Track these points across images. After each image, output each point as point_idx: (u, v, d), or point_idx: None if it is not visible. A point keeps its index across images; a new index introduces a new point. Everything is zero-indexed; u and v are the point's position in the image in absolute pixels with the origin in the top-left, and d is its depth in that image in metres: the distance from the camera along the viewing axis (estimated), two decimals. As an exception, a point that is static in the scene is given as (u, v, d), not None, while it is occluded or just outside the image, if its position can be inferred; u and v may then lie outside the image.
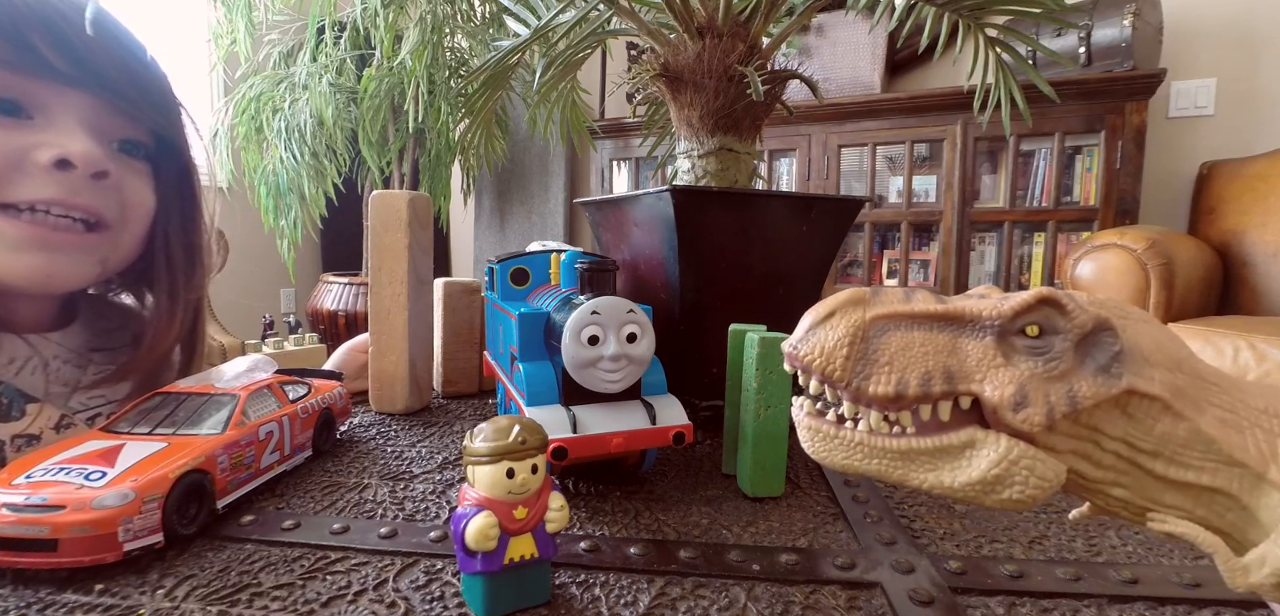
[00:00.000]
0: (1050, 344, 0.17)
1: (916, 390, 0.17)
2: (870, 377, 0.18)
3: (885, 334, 0.18)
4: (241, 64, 2.25)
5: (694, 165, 0.57)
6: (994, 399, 0.17)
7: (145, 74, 0.52)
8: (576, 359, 0.38)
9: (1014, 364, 0.17)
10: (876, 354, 0.18)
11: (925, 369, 0.17)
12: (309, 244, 2.88)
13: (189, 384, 0.44)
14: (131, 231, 0.52)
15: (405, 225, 0.59)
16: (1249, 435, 0.16)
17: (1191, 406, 0.17)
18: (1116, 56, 1.80)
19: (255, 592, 0.31)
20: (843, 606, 0.30)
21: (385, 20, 2.03)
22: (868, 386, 0.18)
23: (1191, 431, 0.17)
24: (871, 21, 1.22)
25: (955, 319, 0.18)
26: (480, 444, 0.29)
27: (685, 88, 0.56)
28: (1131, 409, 0.17)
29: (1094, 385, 0.17)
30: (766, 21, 0.57)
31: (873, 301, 0.18)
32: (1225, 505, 0.17)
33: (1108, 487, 0.18)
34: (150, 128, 0.53)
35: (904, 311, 0.18)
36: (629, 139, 2.51)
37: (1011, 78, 0.61)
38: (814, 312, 0.19)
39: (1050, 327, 0.17)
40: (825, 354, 0.18)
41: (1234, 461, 0.16)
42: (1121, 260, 1.53)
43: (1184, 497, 0.17)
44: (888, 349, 0.18)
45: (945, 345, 0.18)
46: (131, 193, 0.51)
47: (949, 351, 0.18)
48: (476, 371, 0.70)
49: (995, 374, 0.17)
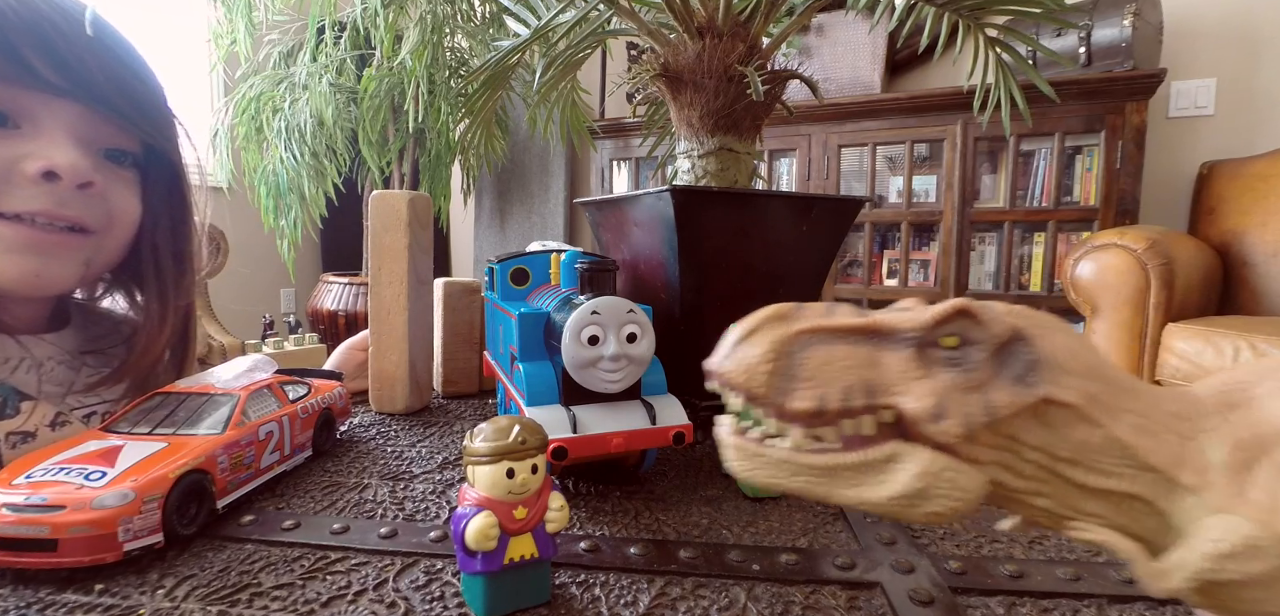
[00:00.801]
0: (968, 355, 0.17)
1: (837, 404, 0.17)
2: (792, 393, 0.17)
3: (807, 349, 0.18)
4: (241, 64, 2.25)
5: (694, 165, 0.57)
6: (913, 411, 0.17)
7: (137, 83, 0.52)
8: (576, 359, 0.38)
9: (933, 376, 0.17)
10: (798, 369, 0.18)
11: (846, 383, 0.17)
12: (309, 244, 2.88)
13: (189, 384, 0.44)
14: (116, 237, 0.52)
15: (405, 225, 0.59)
16: (1162, 440, 0.17)
17: (1106, 413, 0.17)
18: (1116, 56, 1.80)
19: (255, 592, 0.31)
20: (843, 606, 0.30)
21: (385, 20, 2.03)
22: (789, 403, 0.17)
23: (1107, 438, 0.17)
24: (871, 21, 1.22)
25: (875, 332, 0.18)
26: (480, 444, 0.29)
27: (685, 88, 0.56)
28: (1049, 418, 0.17)
29: (1011, 395, 0.17)
30: (766, 21, 0.57)
31: (795, 317, 0.18)
32: (1143, 511, 0.17)
33: (1030, 497, 0.18)
34: (139, 136, 0.53)
35: (825, 326, 0.18)
36: (629, 139, 2.51)
37: (1011, 78, 0.60)
38: (737, 329, 0.19)
39: (967, 339, 0.17)
40: (747, 371, 0.18)
41: (1148, 466, 0.17)
42: (1121, 260, 1.53)
43: (1103, 505, 0.17)
44: (809, 364, 0.18)
45: (866, 359, 0.18)
46: (117, 201, 0.52)
47: (870, 365, 0.18)
48: (476, 371, 0.70)
49: (915, 386, 0.17)
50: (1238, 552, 0.15)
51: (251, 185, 2.34)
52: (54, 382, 0.52)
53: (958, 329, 0.17)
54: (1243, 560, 0.15)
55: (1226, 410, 0.17)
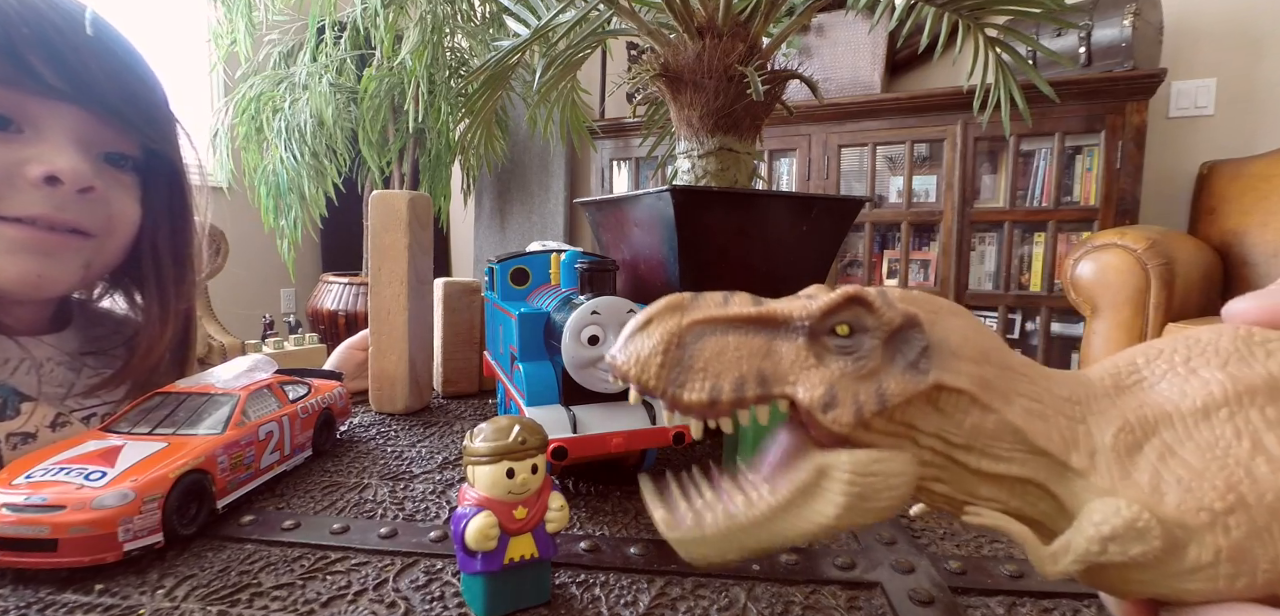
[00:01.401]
0: (860, 342, 0.17)
1: (730, 395, 0.17)
2: (684, 384, 0.17)
3: (701, 339, 0.17)
4: (241, 64, 2.25)
5: (694, 165, 0.57)
6: (804, 400, 0.17)
7: (139, 87, 0.52)
8: (576, 359, 0.38)
9: (826, 364, 0.17)
10: (691, 360, 0.17)
11: (739, 373, 0.17)
12: (309, 244, 2.88)
13: (189, 384, 0.44)
14: (116, 241, 0.53)
15: (405, 225, 0.59)
16: (1053, 423, 0.17)
17: (999, 398, 0.17)
18: (1116, 56, 1.80)
19: (255, 592, 0.31)
20: (843, 606, 0.30)
21: (385, 20, 2.03)
22: (682, 394, 0.17)
23: (999, 423, 0.17)
24: (871, 21, 1.22)
25: (769, 321, 0.18)
26: (480, 444, 0.28)
27: (685, 88, 0.56)
28: (942, 403, 0.17)
29: (902, 382, 0.17)
30: (766, 21, 0.57)
31: (690, 307, 0.18)
32: (1036, 495, 0.17)
33: (930, 483, 0.18)
34: (140, 140, 0.53)
35: (720, 315, 0.18)
36: (629, 139, 2.51)
37: (1011, 78, 0.60)
38: (633, 321, 0.18)
39: (859, 326, 0.17)
40: (640, 362, 0.17)
41: (1039, 450, 0.16)
42: (1121, 260, 1.53)
43: (998, 490, 0.17)
44: (703, 354, 0.17)
45: (760, 348, 0.17)
46: (117, 205, 0.52)
47: (764, 354, 0.17)
48: (476, 371, 0.70)
49: (807, 375, 0.17)
50: (1119, 535, 0.15)
51: (251, 185, 2.34)
52: (54, 384, 0.52)
53: (849, 317, 0.17)
54: (1124, 542, 0.15)
55: (1116, 393, 0.17)
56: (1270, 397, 0.15)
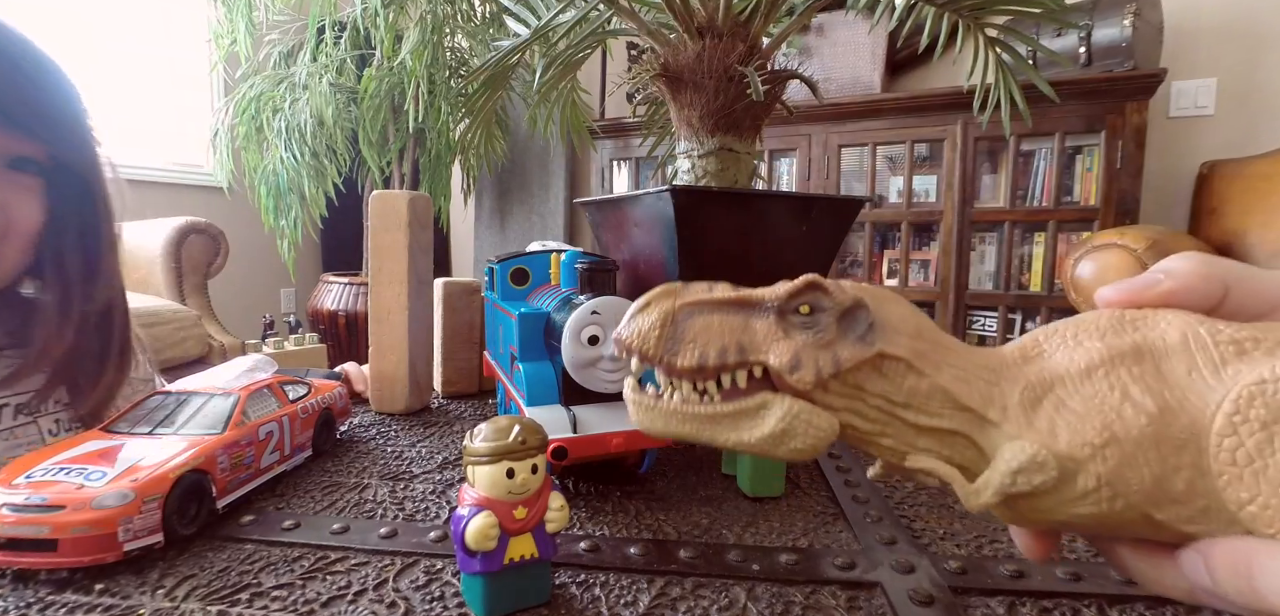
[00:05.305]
0: (818, 319, 0.21)
1: (715, 361, 0.21)
2: (677, 353, 0.22)
3: (691, 318, 0.22)
4: (241, 64, 2.25)
5: (694, 165, 0.57)
6: (775, 365, 0.21)
7: (39, 94, 0.52)
8: (576, 359, 0.38)
9: (791, 337, 0.21)
10: (683, 334, 0.22)
11: (722, 344, 0.21)
12: (309, 244, 2.88)
13: (189, 384, 0.44)
14: (15, 244, 0.53)
15: (405, 225, 0.59)
16: (975, 386, 0.21)
17: (930, 366, 0.21)
18: (1116, 56, 1.80)
19: (255, 592, 0.31)
20: (843, 606, 0.30)
21: (385, 20, 2.03)
22: (676, 360, 0.22)
23: (932, 385, 0.21)
24: (871, 21, 1.22)
25: (746, 304, 0.22)
26: (480, 444, 0.28)
27: (685, 88, 0.56)
28: (885, 369, 0.21)
29: (853, 350, 0.21)
30: (766, 21, 0.57)
31: (682, 292, 0.23)
32: (963, 445, 0.21)
33: (877, 438, 0.22)
34: (45, 145, 0.53)
35: (707, 299, 0.22)
36: (629, 139, 2.51)
37: (1011, 78, 0.60)
38: (635, 304, 0.23)
39: (818, 306, 0.22)
40: (641, 336, 0.22)
41: (963, 407, 0.21)
42: (1122, 260, 1.53)
43: (933, 441, 0.21)
44: (692, 329, 0.22)
45: (739, 325, 0.22)
46: (18, 208, 0.52)
47: (742, 329, 0.22)
48: (476, 371, 0.70)
49: (777, 345, 0.21)
50: (1025, 468, 0.19)
51: (251, 185, 2.34)
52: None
53: (809, 298, 0.22)
54: (1029, 473, 0.19)
55: (1022, 362, 0.21)
56: (1136, 359, 0.19)
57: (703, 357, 0.21)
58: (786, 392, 0.21)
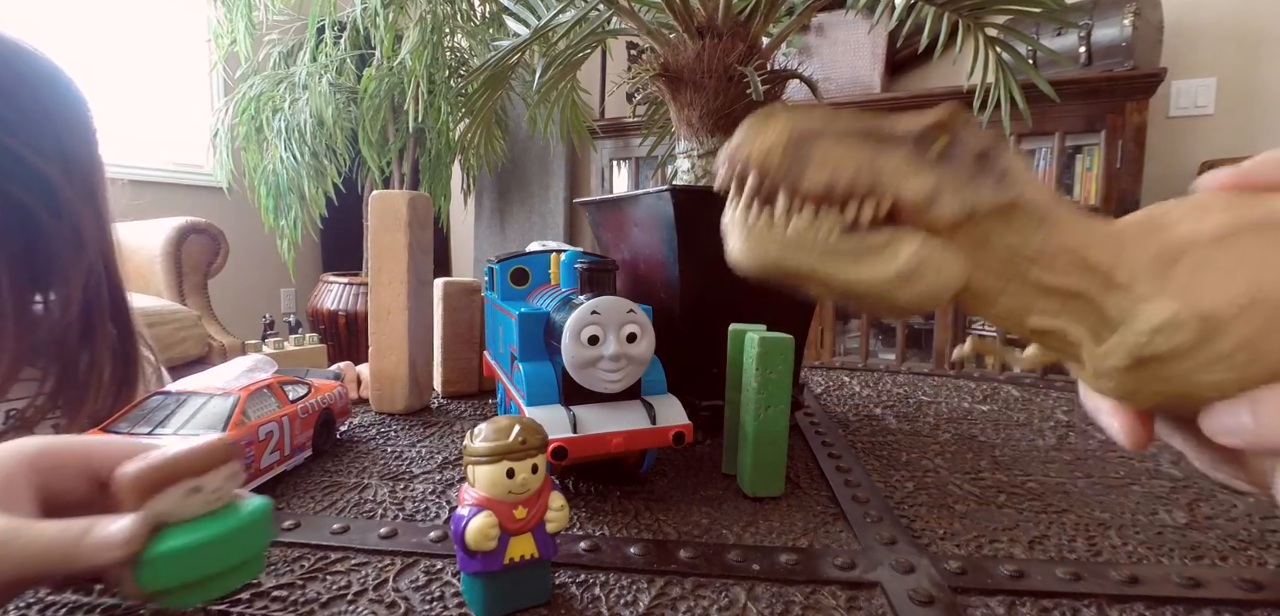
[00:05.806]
0: (954, 155, 0.20)
1: (846, 186, 0.20)
2: (804, 174, 0.20)
3: (816, 141, 0.20)
4: (241, 64, 2.25)
5: (694, 165, 0.57)
6: (912, 196, 0.20)
7: None
8: (576, 359, 0.38)
9: (926, 171, 0.20)
10: (809, 154, 0.20)
11: (855, 169, 0.20)
12: (309, 244, 2.88)
13: (189, 384, 0.44)
14: None
15: (405, 225, 0.59)
16: (1103, 248, 0.20)
17: (1058, 224, 0.20)
18: (1116, 56, 1.80)
19: (255, 593, 0.31)
20: (843, 606, 0.30)
21: (385, 20, 2.03)
22: (803, 180, 0.20)
23: (1060, 243, 0.20)
24: (871, 21, 1.22)
25: (876, 133, 0.21)
26: (480, 444, 0.28)
27: (685, 88, 0.56)
28: (1015, 221, 0.20)
29: (993, 191, 0.20)
30: (766, 21, 0.57)
31: (800, 116, 0.21)
32: (1085, 309, 0.20)
33: (996, 295, 0.21)
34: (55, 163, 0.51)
35: (830, 127, 0.21)
36: (629, 139, 2.51)
37: (1011, 77, 0.61)
38: (750, 120, 0.21)
39: (955, 141, 0.20)
40: (764, 150, 0.20)
41: (1090, 266, 0.20)
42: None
43: (1054, 303, 0.21)
44: (819, 151, 0.20)
45: (869, 155, 0.20)
46: None
47: (872, 159, 0.20)
48: (476, 371, 0.70)
49: (911, 180, 0.20)
50: (1163, 327, 0.19)
51: (251, 185, 2.34)
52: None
53: (950, 132, 0.20)
54: (1169, 333, 0.19)
55: (1148, 230, 0.20)
56: (1272, 228, 0.19)
57: (833, 179, 0.20)
58: (916, 228, 0.20)
